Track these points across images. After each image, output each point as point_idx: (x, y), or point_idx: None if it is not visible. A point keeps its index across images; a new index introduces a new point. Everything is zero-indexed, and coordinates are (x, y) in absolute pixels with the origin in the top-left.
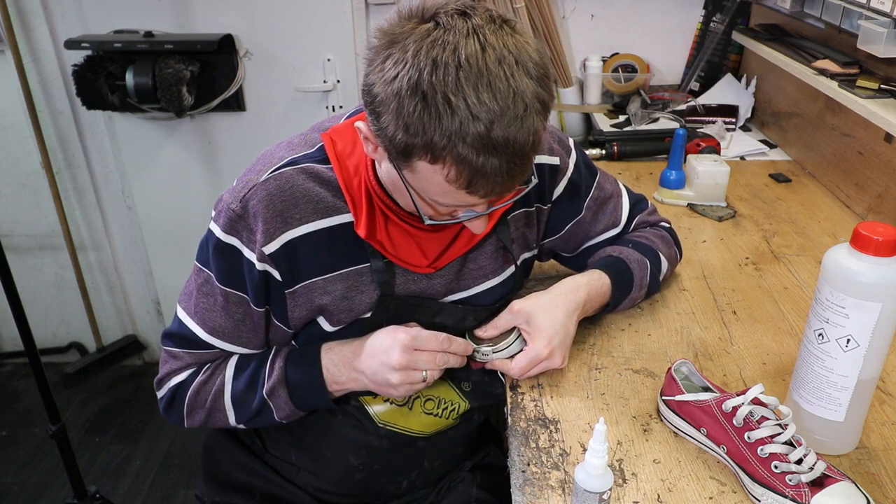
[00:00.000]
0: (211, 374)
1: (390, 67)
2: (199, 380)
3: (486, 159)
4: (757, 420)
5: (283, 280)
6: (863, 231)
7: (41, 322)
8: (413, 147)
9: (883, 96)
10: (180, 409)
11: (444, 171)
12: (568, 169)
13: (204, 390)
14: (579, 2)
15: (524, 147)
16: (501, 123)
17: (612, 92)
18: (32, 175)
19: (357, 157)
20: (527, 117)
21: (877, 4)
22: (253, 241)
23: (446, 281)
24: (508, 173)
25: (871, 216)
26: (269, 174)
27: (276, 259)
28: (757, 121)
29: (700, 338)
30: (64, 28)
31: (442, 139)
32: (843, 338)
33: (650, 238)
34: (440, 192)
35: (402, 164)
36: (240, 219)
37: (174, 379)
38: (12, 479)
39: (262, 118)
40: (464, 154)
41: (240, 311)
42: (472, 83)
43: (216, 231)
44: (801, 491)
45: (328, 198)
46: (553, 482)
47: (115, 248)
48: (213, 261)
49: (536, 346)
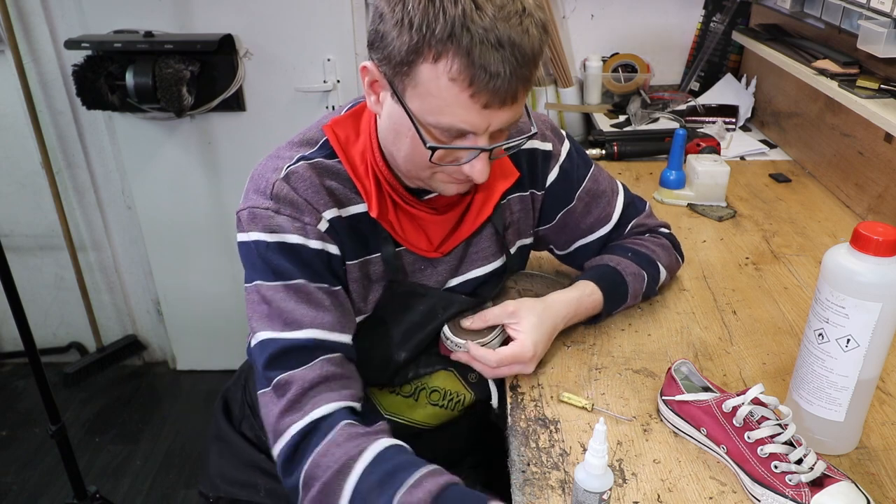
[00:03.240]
0: (346, 440)
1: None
2: (333, 438)
3: (489, 52)
4: (757, 420)
5: (340, 255)
6: (863, 231)
7: (41, 322)
8: (417, 46)
9: (883, 96)
10: (302, 461)
11: (448, 67)
12: (560, 156)
13: (333, 455)
14: (579, 2)
15: (525, 47)
16: (502, 16)
17: (612, 92)
18: (32, 175)
19: (361, 144)
20: (525, 18)
21: (877, 4)
22: (299, 227)
23: (450, 266)
24: (511, 72)
25: (871, 216)
26: (287, 170)
27: (330, 234)
28: (757, 121)
29: (700, 338)
30: (64, 28)
31: (445, 29)
32: (843, 338)
33: (650, 247)
34: (442, 106)
35: (405, 82)
36: (278, 212)
37: (300, 421)
38: (12, 479)
39: (262, 118)
40: (466, 45)
41: (320, 297)
42: None
43: (261, 236)
44: (801, 491)
45: (340, 189)
46: (553, 482)
47: (115, 248)
48: (273, 264)
49: (525, 344)
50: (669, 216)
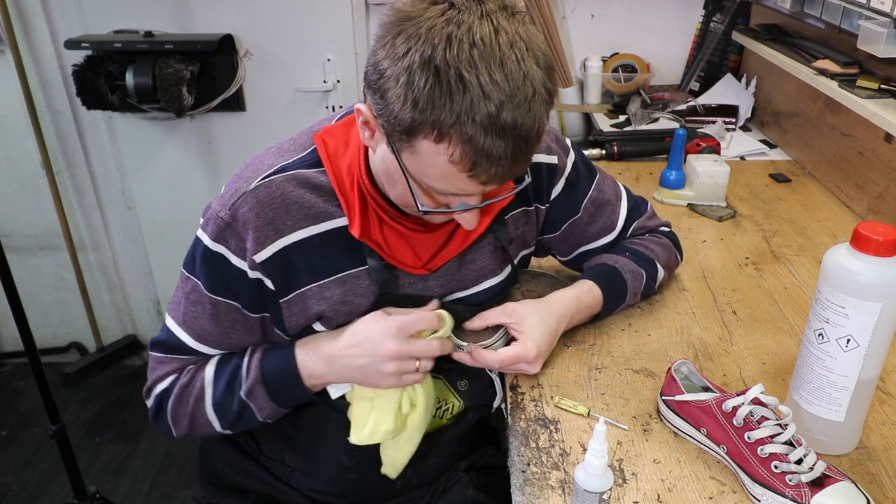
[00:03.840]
0: (191, 378)
1: (402, 43)
2: (181, 383)
3: (493, 141)
4: (757, 420)
5: (276, 289)
6: (863, 231)
7: (41, 322)
8: (420, 124)
9: (883, 96)
10: (166, 418)
11: (449, 150)
12: (566, 168)
13: (185, 394)
14: (579, 2)
15: (530, 133)
16: (511, 105)
17: (612, 92)
18: (32, 175)
19: (349, 157)
20: (534, 102)
21: (877, 4)
22: (243, 249)
23: (443, 282)
24: (513, 158)
25: (871, 216)
26: (259, 182)
27: (267, 267)
28: (757, 121)
29: (700, 338)
30: (64, 28)
31: (451, 116)
32: (843, 338)
33: (648, 246)
34: (439, 176)
35: (403, 146)
36: (228, 227)
37: (159, 386)
38: (12, 479)
39: (262, 118)
40: (471, 133)
41: (229, 318)
42: (486, 62)
43: (204, 239)
44: (801, 491)
45: (319, 203)
46: (553, 482)
47: (115, 248)
48: (201, 269)
49: (527, 345)
50: (669, 216)
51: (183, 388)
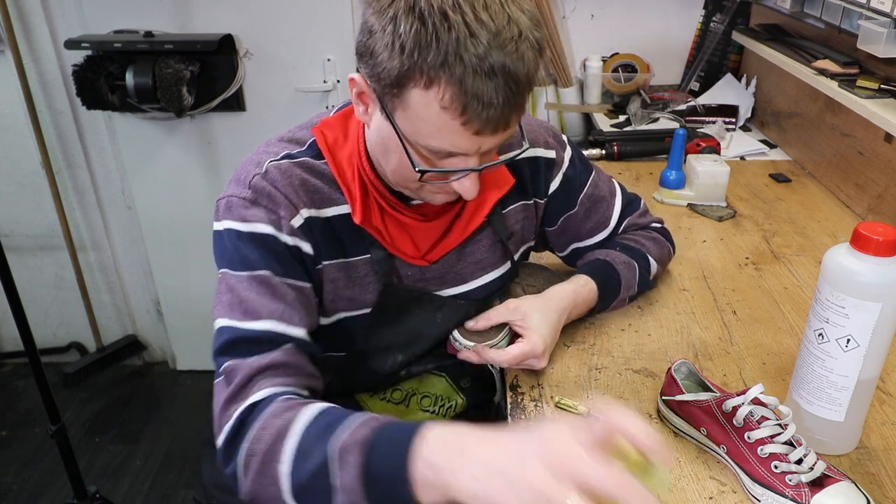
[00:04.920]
0: (284, 410)
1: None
2: (271, 411)
3: (483, 82)
4: (757, 420)
5: (314, 254)
6: (863, 231)
7: (41, 322)
8: (408, 70)
9: (883, 96)
10: (240, 446)
11: (439, 95)
12: (563, 163)
13: (271, 425)
14: (579, 2)
15: (519, 75)
16: (497, 44)
17: (612, 92)
18: (32, 175)
19: (349, 147)
20: (521, 43)
21: (877, 4)
22: (274, 220)
23: (442, 273)
24: (504, 101)
25: (871, 216)
26: (270, 164)
27: (304, 232)
28: (757, 121)
29: (700, 338)
30: (64, 28)
31: (438, 57)
32: (843, 338)
33: (639, 241)
34: (433, 131)
35: (396, 104)
36: (255, 203)
37: (242, 403)
38: (12, 479)
39: (262, 118)
40: (459, 74)
41: (288, 293)
42: (470, 3)
43: (234, 225)
44: (801, 491)
45: (325, 189)
46: None
47: (115, 248)
48: (244, 253)
49: (535, 341)
50: (669, 216)
51: (272, 416)
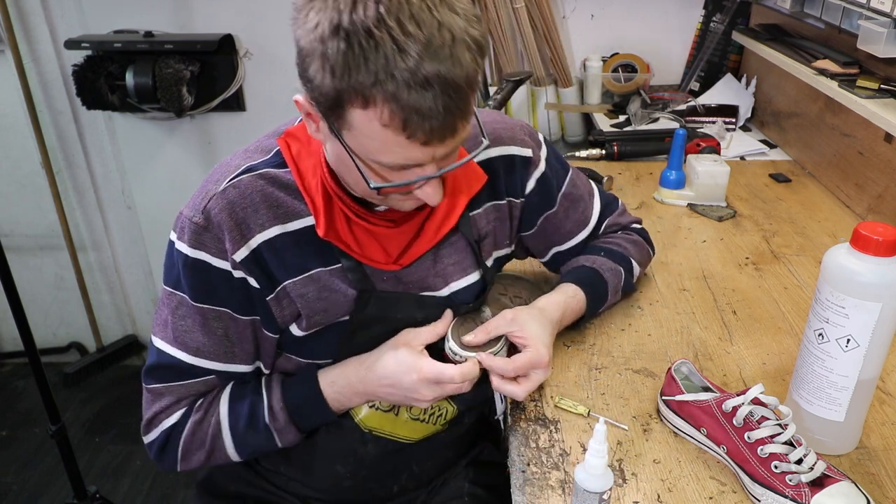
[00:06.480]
0: (205, 413)
1: (312, 16)
2: (194, 419)
3: (419, 94)
4: (757, 420)
5: (260, 287)
6: (863, 231)
7: (41, 322)
8: (343, 93)
9: (883, 96)
10: (174, 453)
11: (378, 113)
12: (540, 161)
13: (200, 430)
14: (579, 2)
15: (457, 80)
16: (429, 53)
17: (612, 92)
18: (32, 175)
19: (314, 157)
20: (455, 47)
21: (877, 4)
22: (223, 250)
23: (421, 277)
24: (445, 109)
25: (871, 216)
26: (227, 182)
27: (248, 266)
28: (757, 121)
29: (700, 338)
30: (64, 28)
31: (369, 77)
32: (843, 338)
33: (622, 244)
34: (380, 147)
35: (341, 124)
36: (204, 230)
37: (165, 422)
38: (12, 479)
39: (262, 118)
40: (393, 90)
41: (220, 326)
42: (394, 16)
43: (183, 248)
44: (801, 491)
45: (289, 201)
46: (553, 482)
47: (115, 248)
48: (185, 280)
49: (540, 350)
50: (669, 216)
51: (196, 424)
